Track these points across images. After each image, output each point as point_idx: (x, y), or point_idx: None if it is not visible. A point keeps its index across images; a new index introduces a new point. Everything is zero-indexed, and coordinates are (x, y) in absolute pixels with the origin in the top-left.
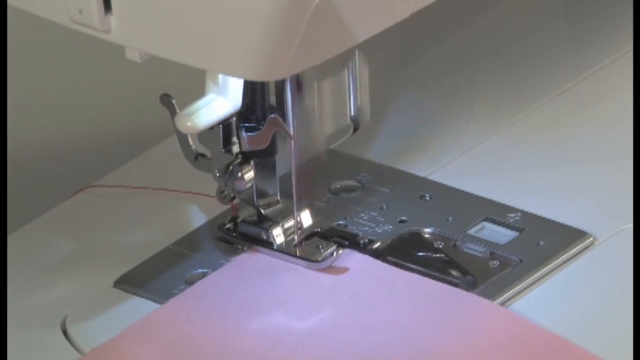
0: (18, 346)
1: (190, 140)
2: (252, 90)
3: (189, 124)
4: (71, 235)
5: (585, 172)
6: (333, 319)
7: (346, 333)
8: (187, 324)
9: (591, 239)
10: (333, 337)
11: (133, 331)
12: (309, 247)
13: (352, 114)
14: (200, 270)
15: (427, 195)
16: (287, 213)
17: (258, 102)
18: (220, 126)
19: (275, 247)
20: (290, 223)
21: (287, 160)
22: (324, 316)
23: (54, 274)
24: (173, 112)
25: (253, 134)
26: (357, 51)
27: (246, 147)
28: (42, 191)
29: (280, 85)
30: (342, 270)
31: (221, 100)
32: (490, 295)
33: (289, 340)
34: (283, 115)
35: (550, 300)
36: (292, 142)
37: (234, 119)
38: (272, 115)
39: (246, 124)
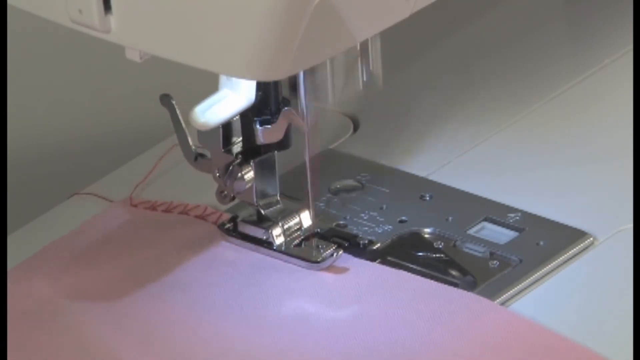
0: None
1: (190, 140)
2: (265, 84)
3: (202, 120)
4: None
5: (585, 172)
6: (332, 319)
7: (341, 334)
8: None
9: (591, 239)
10: (330, 338)
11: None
12: (308, 248)
13: (365, 79)
14: None
15: (427, 195)
16: (287, 213)
17: (272, 95)
18: (220, 126)
19: (274, 247)
20: (290, 223)
21: (287, 159)
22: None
23: None
24: (173, 112)
25: (268, 127)
26: None
27: (260, 140)
28: (42, 191)
29: (293, 79)
30: (342, 271)
31: (234, 96)
32: (490, 295)
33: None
34: (297, 107)
35: (550, 300)
36: (306, 134)
37: (237, 118)
38: (286, 109)
39: (260, 117)
